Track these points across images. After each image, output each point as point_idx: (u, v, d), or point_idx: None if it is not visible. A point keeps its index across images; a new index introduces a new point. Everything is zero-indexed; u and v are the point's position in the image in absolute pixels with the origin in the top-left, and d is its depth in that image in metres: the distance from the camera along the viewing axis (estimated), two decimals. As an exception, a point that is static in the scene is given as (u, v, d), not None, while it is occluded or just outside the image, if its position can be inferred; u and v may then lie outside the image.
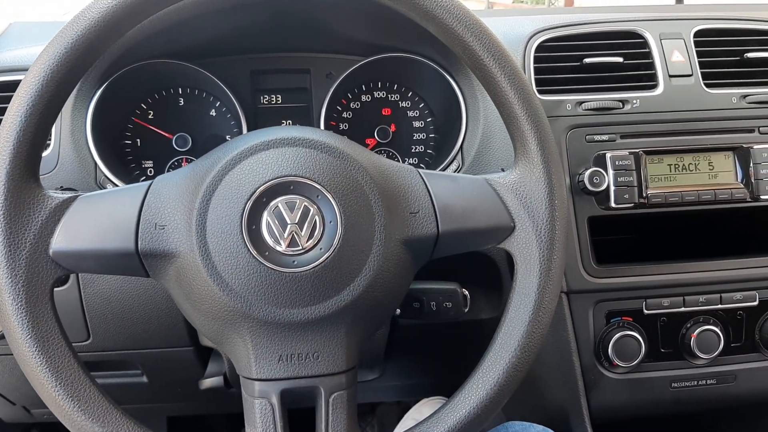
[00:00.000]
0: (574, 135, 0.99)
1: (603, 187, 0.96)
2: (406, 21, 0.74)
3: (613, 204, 0.97)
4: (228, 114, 1.07)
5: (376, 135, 1.09)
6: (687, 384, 1.03)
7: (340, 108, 1.09)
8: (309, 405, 0.71)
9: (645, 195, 0.98)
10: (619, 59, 1.01)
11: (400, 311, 0.96)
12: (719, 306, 1.02)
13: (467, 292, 0.96)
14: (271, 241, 0.67)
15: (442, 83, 1.04)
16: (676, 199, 0.98)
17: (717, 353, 1.00)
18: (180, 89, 1.07)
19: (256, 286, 0.66)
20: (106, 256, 0.67)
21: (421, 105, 1.11)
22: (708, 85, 1.02)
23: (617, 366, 0.98)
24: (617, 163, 0.97)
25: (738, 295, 1.02)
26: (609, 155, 0.98)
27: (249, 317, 0.67)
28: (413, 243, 0.72)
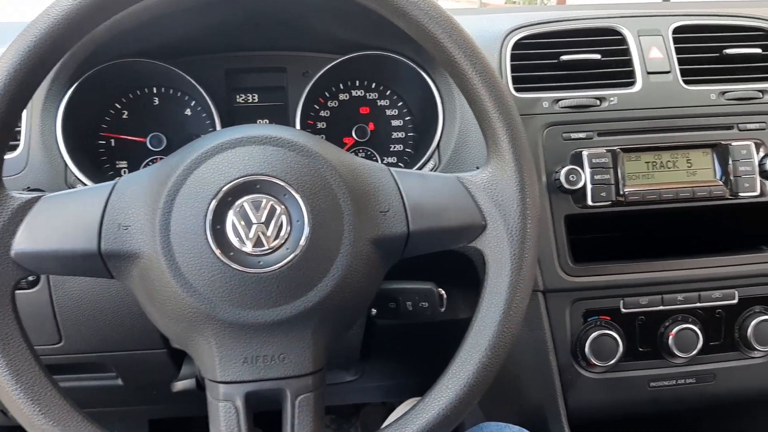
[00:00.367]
0: (550, 133, 0.98)
1: (579, 186, 0.95)
2: (382, 18, 0.74)
3: (590, 202, 0.96)
4: (203, 113, 1.06)
5: (354, 134, 1.08)
6: (666, 383, 1.02)
7: (317, 106, 1.08)
8: (276, 408, 0.70)
9: (622, 193, 0.97)
10: (597, 56, 1.00)
11: (376, 311, 0.96)
12: (698, 304, 1.01)
13: (443, 291, 0.95)
14: (236, 241, 0.66)
15: (419, 81, 1.03)
16: (653, 197, 0.98)
17: (696, 352, 0.99)
18: (154, 88, 1.05)
19: (220, 287, 0.65)
20: (68, 257, 0.66)
21: (400, 104, 1.10)
22: (686, 82, 1.01)
23: (594, 365, 0.97)
24: (594, 161, 0.97)
25: (717, 294, 1.01)
26: (586, 153, 0.97)
27: (213, 319, 0.66)
28: (383, 242, 0.71)
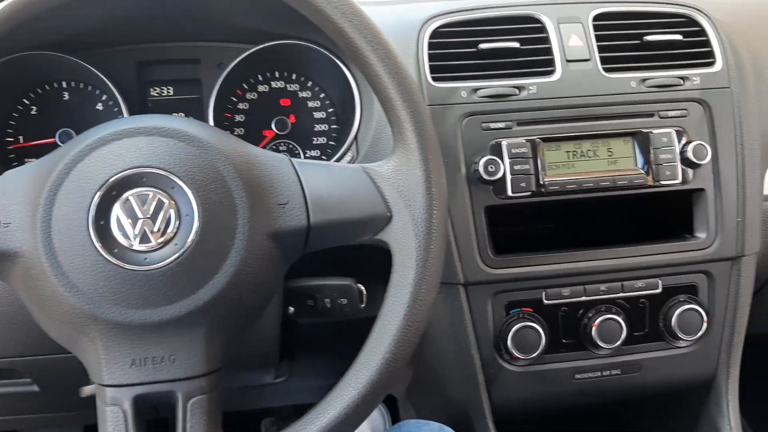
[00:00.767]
0: (469, 123, 0.96)
1: (499, 176, 0.93)
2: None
3: (510, 193, 0.95)
4: (115, 108, 1.02)
5: (274, 126, 1.05)
6: (591, 375, 1.01)
7: (235, 99, 1.05)
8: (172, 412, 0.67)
9: (542, 183, 0.95)
10: (516, 44, 0.99)
11: (293, 310, 0.93)
12: (621, 294, 1.00)
13: (363, 287, 0.92)
14: (121, 238, 0.63)
15: (336, 72, 1.01)
16: (573, 187, 0.96)
17: (620, 342, 0.98)
18: (63, 83, 1.01)
19: (104, 285, 0.62)
20: None
21: (322, 95, 1.07)
22: (606, 70, 1.00)
23: (517, 359, 0.96)
24: (513, 151, 0.95)
25: (640, 283, 1.00)
26: (505, 143, 0.95)
27: (98, 319, 0.63)
28: (281, 236, 0.69)
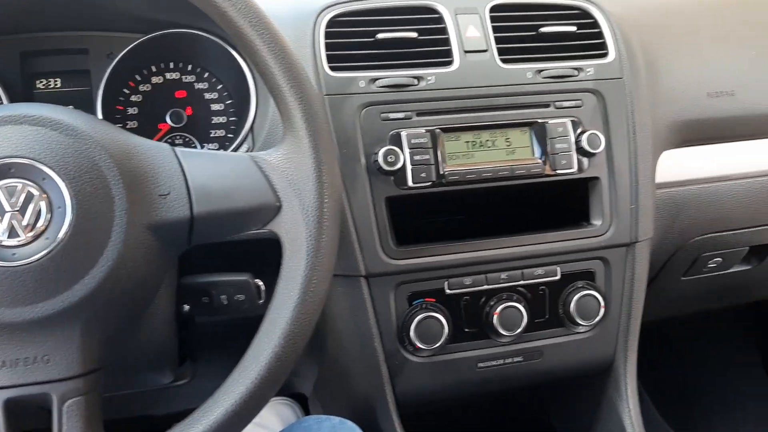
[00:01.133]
0: (368, 113, 0.95)
1: (399, 166, 0.93)
2: None
3: (411, 183, 0.94)
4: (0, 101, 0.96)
5: (168, 119, 1.02)
6: (493, 363, 1.02)
7: (128, 91, 1.01)
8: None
9: (442, 173, 0.95)
10: (414, 35, 0.98)
11: (189, 308, 0.90)
12: (521, 282, 1.01)
13: (261, 282, 0.90)
14: None
15: (230, 60, 0.98)
16: (473, 176, 0.97)
17: (521, 330, 0.99)
18: None
19: None
20: None
21: (219, 87, 1.04)
22: (504, 61, 1.01)
23: (421, 349, 0.96)
24: (413, 141, 0.94)
25: (539, 270, 1.02)
26: (404, 133, 0.94)
27: None
28: (163, 228, 0.66)
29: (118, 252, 0.62)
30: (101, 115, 0.96)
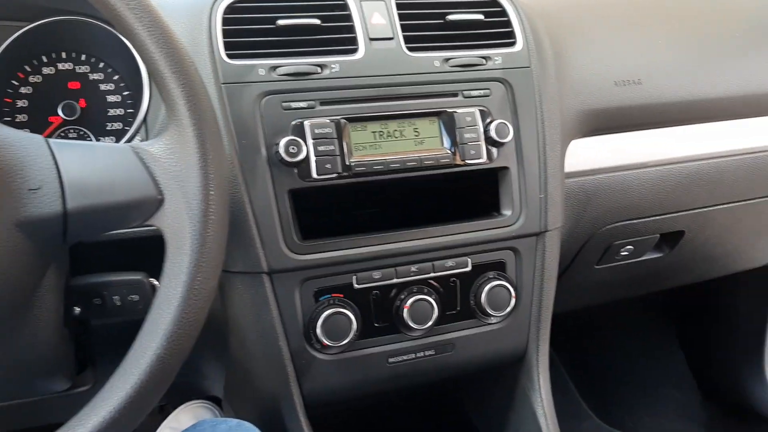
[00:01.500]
0: (269, 102, 0.91)
1: (302, 157, 0.89)
2: None
3: (315, 175, 0.91)
4: None
5: (60, 112, 0.96)
6: (405, 358, 1.00)
7: (17, 82, 0.95)
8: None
9: (348, 164, 0.92)
10: (317, 21, 0.95)
11: (80, 310, 0.85)
12: (432, 274, 0.99)
13: (157, 282, 0.85)
14: None
15: (123, 49, 0.93)
16: (380, 167, 0.94)
17: (432, 323, 0.97)
18: None
19: None
20: None
21: (116, 77, 0.99)
22: (410, 49, 0.98)
23: (328, 346, 0.92)
24: (316, 132, 0.91)
25: (450, 262, 1.00)
26: (308, 123, 0.91)
27: None
28: (32, 225, 0.61)
29: None
30: None
